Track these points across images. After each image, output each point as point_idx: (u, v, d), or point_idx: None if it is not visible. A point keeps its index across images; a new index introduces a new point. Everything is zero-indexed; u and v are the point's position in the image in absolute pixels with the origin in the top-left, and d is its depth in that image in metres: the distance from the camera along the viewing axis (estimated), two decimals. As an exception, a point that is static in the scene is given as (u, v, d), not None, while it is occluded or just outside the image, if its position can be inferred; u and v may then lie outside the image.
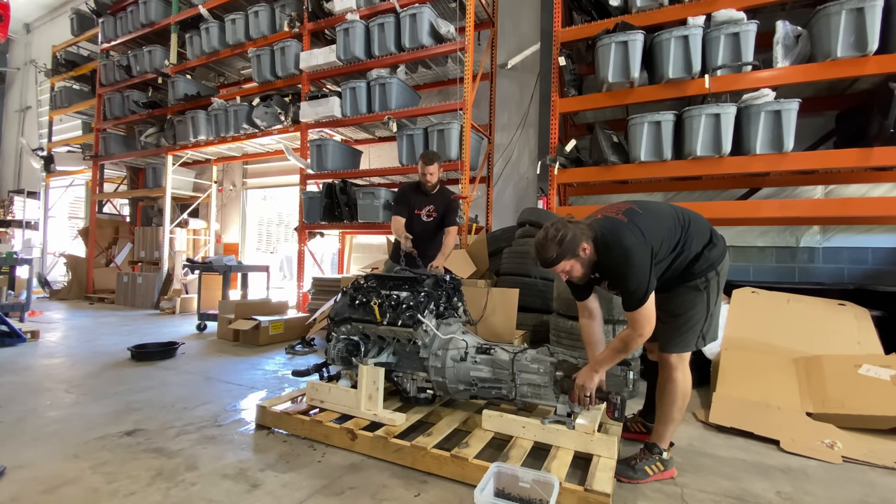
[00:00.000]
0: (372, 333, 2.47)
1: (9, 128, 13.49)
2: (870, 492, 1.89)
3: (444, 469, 1.90)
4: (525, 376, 2.12)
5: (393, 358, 2.47)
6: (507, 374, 2.15)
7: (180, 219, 8.24)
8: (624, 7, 4.20)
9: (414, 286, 2.44)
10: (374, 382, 2.26)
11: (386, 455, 2.03)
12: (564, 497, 1.65)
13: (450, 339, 2.33)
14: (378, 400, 2.25)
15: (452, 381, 2.29)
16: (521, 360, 2.14)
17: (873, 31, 3.26)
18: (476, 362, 2.26)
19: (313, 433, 2.23)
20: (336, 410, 2.35)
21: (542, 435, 2.03)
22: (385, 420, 2.20)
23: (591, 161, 4.40)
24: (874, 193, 4.13)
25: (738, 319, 3.29)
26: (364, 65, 5.45)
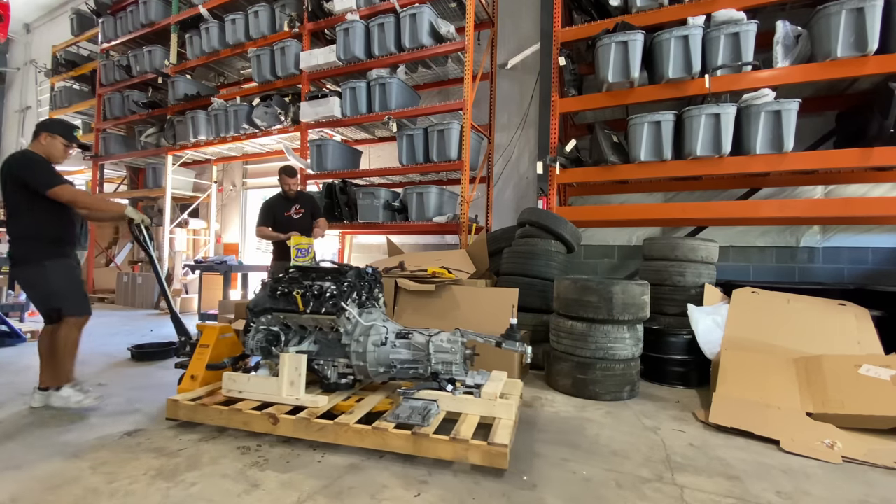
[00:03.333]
0: (293, 323, 2.55)
1: (9, 128, 13.49)
2: (870, 492, 1.89)
3: (366, 441, 2.08)
4: (440, 356, 2.39)
5: (314, 347, 2.55)
6: (424, 355, 2.40)
7: (180, 219, 8.24)
8: (624, 7, 4.20)
9: (337, 277, 2.54)
10: (296, 369, 2.35)
11: (309, 434, 2.14)
12: (472, 452, 1.95)
13: (371, 326, 2.48)
14: (300, 385, 2.35)
15: (373, 364, 2.43)
16: (436, 342, 2.40)
17: (873, 31, 3.26)
18: (395, 346, 2.45)
19: (232, 422, 2.27)
20: (256, 399, 2.39)
21: (453, 404, 2.31)
22: (308, 403, 2.30)
23: (591, 161, 4.40)
24: (874, 193, 4.13)
25: (738, 319, 3.29)
26: (364, 65, 5.45)
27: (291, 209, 4.19)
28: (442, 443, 1.98)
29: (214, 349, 2.69)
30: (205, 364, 2.63)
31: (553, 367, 3.25)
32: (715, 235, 4.47)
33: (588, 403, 2.94)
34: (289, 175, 4.14)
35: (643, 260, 4.14)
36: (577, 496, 1.80)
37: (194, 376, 2.62)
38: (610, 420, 2.65)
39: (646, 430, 2.49)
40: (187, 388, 2.59)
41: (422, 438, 2.00)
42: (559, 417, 2.68)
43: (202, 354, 2.68)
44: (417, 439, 2.00)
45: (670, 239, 3.93)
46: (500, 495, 1.79)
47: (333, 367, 2.50)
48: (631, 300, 2.99)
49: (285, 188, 4.16)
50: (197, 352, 2.70)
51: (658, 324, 3.65)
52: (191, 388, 2.57)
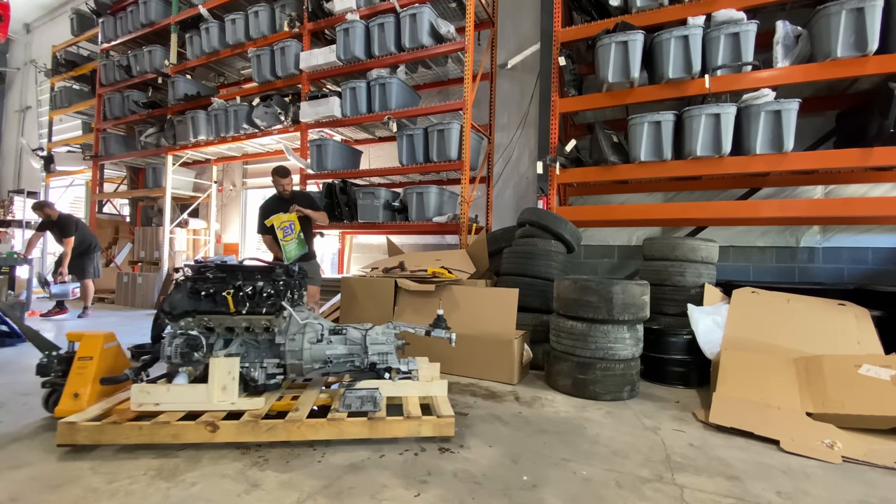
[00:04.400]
0: (219, 326, 2.44)
1: (9, 128, 13.49)
2: (870, 492, 1.89)
3: (321, 433, 2.15)
4: (375, 347, 2.54)
5: (240, 349, 2.47)
6: (361, 348, 2.53)
7: (180, 219, 8.24)
8: (624, 7, 4.20)
9: (269, 276, 2.49)
10: (228, 373, 2.27)
11: (257, 437, 2.11)
12: (424, 426, 2.22)
13: (306, 324, 2.51)
14: (234, 390, 2.27)
15: (308, 361, 2.46)
16: (372, 335, 2.55)
17: (873, 31, 3.26)
18: (331, 342, 2.51)
19: (157, 437, 2.08)
20: (178, 410, 2.23)
21: (394, 389, 2.49)
22: (247, 406, 2.26)
23: (591, 161, 4.40)
24: (874, 193, 4.13)
25: (738, 319, 3.29)
26: (364, 65, 5.45)
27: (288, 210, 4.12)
28: (397, 422, 2.21)
29: (100, 361, 2.43)
30: (91, 379, 2.35)
31: (553, 367, 3.25)
32: (715, 235, 4.47)
33: (588, 403, 2.94)
34: (281, 175, 4.07)
35: (643, 260, 4.14)
36: (577, 496, 1.80)
37: (78, 394, 2.31)
38: (610, 420, 2.65)
39: (646, 430, 2.49)
40: (71, 408, 2.26)
41: (377, 422, 2.19)
42: (559, 417, 2.68)
43: (84, 368, 2.39)
44: (374, 423, 2.18)
45: (670, 239, 3.93)
46: (501, 495, 1.79)
47: (262, 368, 2.42)
48: (631, 300, 2.99)
49: (279, 189, 4.10)
50: (76, 366, 2.40)
51: (658, 324, 3.65)
52: (77, 409, 2.25)
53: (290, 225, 3.93)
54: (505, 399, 2.99)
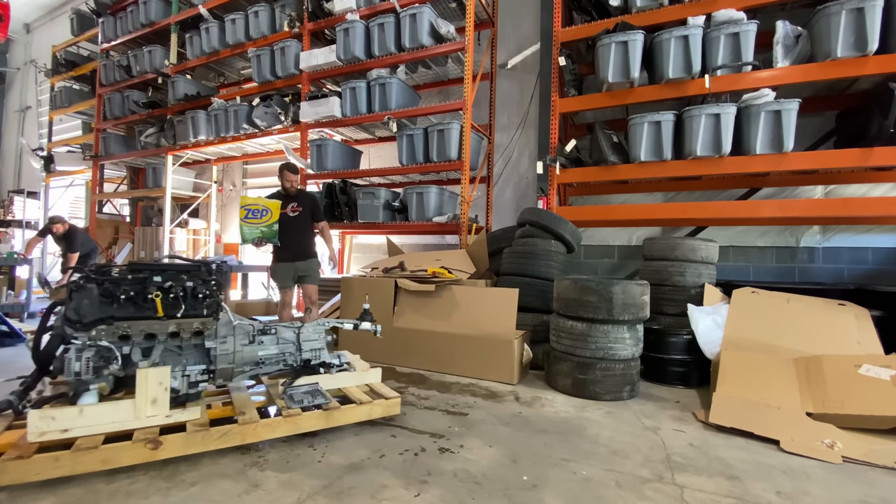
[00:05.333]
0: (139, 332, 2.17)
1: (9, 128, 13.49)
2: (870, 492, 1.89)
3: (279, 430, 2.16)
4: (308, 344, 2.57)
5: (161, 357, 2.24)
6: (294, 347, 2.53)
7: (180, 219, 8.23)
8: (624, 7, 4.20)
9: (198, 274, 2.32)
10: (160, 384, 2.06)
11: (208, 445, 2.03)
12: (375, 408, 2.43)
13: (237, 325, 2.43)
14: (166, 402, 2.07)
15: (239, 364, 2.38)
16: (304, 333, 2.58)
17: (873, 31, 3.26)
18: (262, 342, 2.47)
19: (81, 465, 1.78)
20: (95, 433, 1.92)
21: (333, 382, 2.58)
22: (186, 417, 2.11)
23: (591, 161, 4.40)
24: (874, 193, 4.13)
25: (738, 319, 3.29)
26: (364, 65, 5.44)
27: (288, 207, 4.02)
28: (351, 409, 2.36)
29: None
30: None
31: (553, 367, 3.25)
32: (715, 235, 4.46)
33: (588, 403, 2.94)
34: (291, 171, 4.04)
35: (643, 260, 4.14)
36: (577, 496, 1.80)
37: None
38: (610, 420, 2.65)
39: (646, 430, 2.49)
40: None
41: (333, 411, 2.30)
42: (559, 417, 2.68)
43: None
44: (329, 413, 2.29)
45: (670, 239, 3.93)
46: (501, 495, 1.79)
47: (184, 376, 2.20)
48: (631, 300, 2.99)
49: (286, 185, 4.05)
50: None
51: (658, 324, 3.65)
52: None
53: (262, 211, 3.74)
54: (505, 399, 2.99)
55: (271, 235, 3.81)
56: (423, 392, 3.09)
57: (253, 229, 3.73)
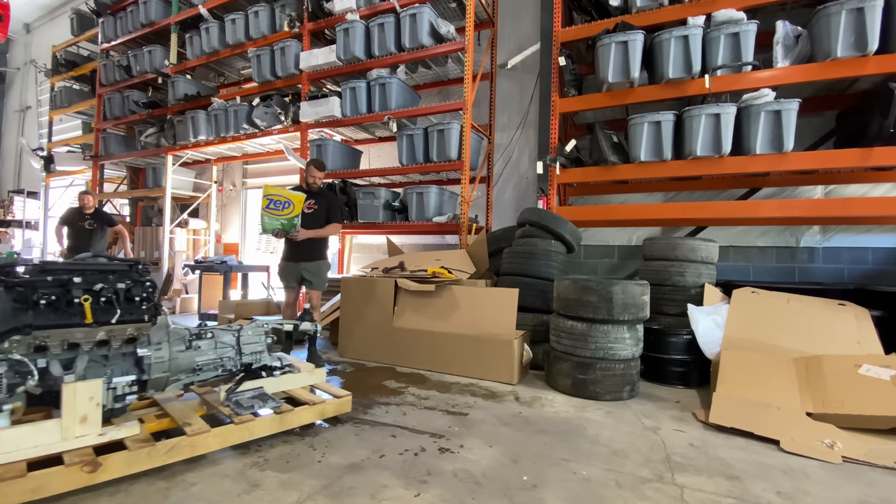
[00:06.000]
0: (60, 342, 1.94)
1: (9, 128, 13.49)
2: (870, 492, 1.89)
3: (232, 438, 2.08)
4: (249, 347, 2.44)
5: None
6: (234, 351, 2.39)
7: (180, 219, 8.23)
8: (624, 7, 4.20)
9: (128, 275, 2.14)
10: (90, 399, 1.83)
11: (154, 461, 1.85)
12: (328, 407, 2.45)
13: (172, 329, 2.23)
14: (98, 419, 1.84)
15: (175, 372, 2.18)
16: (244, 336, 2.45)
17: (873, 31, 3.26)
18: (199, 347, 2.28)
19: (4, 498, 1.58)
20: (17, 460, 1.68)
21: (277, 384, 2.51)
22: (121, 435, 1.89)
23: (591, 161, 4.40)
24: (874, 193, 4.12)
25: (738, 319, 3.29)
26: (364, 65, 5.44)
27: (306, 203, 3.84)
28: (304, 410, 2.35)
29: None
30: None
31: (553, 367, 3.25)
32: (715, 235, 4.46)
33: (588, 403, 2.94)
34: (318, 168, 3.91)
35: (643, 260, 4.14)
36: (577, 496, 1.80)
37: None
38: (610, 420, 2.65)
39: (646, 430, 2.50)
40: None
41: (286, 414, 2.27)
42: (559, 417, 2.68)
43: None
44: (283, 416, 2.25)
45: (670, 239, 3.93)
46: (501, 495, 1.79)
47: (110, 389, 1.96)
48: (631, 300, 2.99)
49: (310, 181, 3.91)
50: None
51: (658, 324, 3.65)
52: None
53: (286, 203, 3.56)
54: (505, 399, 2.99)
55: (291, 228, 3.64)
56: (423, 392, 3.09)
57: (273, 220, 3.58)
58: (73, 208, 5.92)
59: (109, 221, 5.92)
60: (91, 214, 5.76)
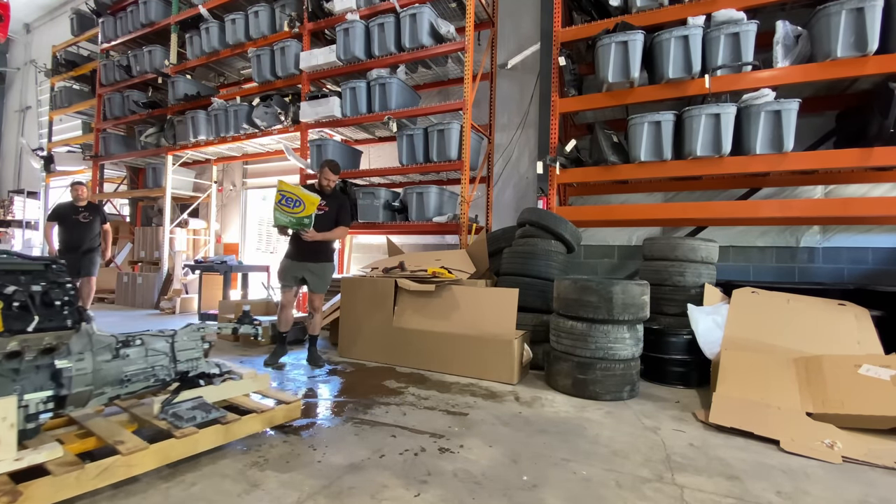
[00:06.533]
0: None
1: (9, 128, 13.49)
2: (870, 492, 1.89)
3: (174, 453, 1.91)
4: (185, 354, 2.27)
5: None
6: (168, 358, 2.19)
7: (180, 219, 8.24)
8: (624, 7, 4.20)
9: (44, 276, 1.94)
10: (3, 420, 1.64)
11: (83, 486, 1.67)
12: (277, 414, 2.33)
13: (96, 337, 2.00)
14: (12, 443, 1.65)
15: (100, 385, 1.95)
16: (179, 342, 2.26)
17: (873, 31, 3.26)
18: (127, 356, 2.06)
19: None
20: None
21: (220, 392, 2.35)
22: (41, 458, 1.69)
23: (591, 161, 4.40)
24: (874, 193, 4.13)
25: (738, 319, 3.29)
26: (364, 65, 5.45)
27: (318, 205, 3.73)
28: (251, 419, 2.21)
29: None
30: None
31: (553, 367, 3.25)
32: (715, 235, 4.46)
33: (588, 403, 2.94)
34: (332, 170, 3.83)
35: (643, 260, 4.14)
36: (576, 496, 1.80)
37: None
38: (610, 420, 2.65)
39: (646, 430, 2.50)
40: None
41: (232, 424, 2.11)
42: (559, 417, 2.68)
43: None
44: (228, 427, 2.10)
45: (670, 239, 3.93)
46: (501, 495, 1.79)
47: (22, 407, 1.74)
48: (631, 300, 2.99)
49: (324, 182, 3.83)
50: None
51: (658, 324, 3.65)
52: None
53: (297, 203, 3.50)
54: (505, 399, 2.99)
55: (298, 228, 3.57)
56: (423, 392, 3.09)
57: (281, 216, 3.53)
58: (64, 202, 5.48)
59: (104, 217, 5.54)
60: (85, 206, 5.35)
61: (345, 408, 2.76)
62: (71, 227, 5.24)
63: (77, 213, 5.27)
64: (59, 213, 5.29)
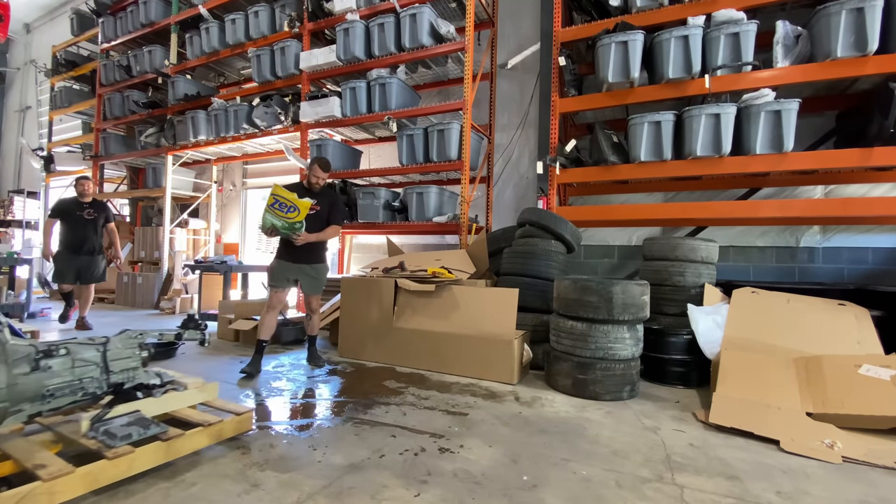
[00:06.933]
0: None
1: (9, 128, 13.49)
2: (870, 492, 1.89)
3: (104, 477, 1.72)
4: (120, 363, 2.04)
5: None
6: (99, 369, 1.97)
7: (180, 219, 8.23)
8: (624, 7, 4.20)
9: None
10: None
11: None
12: (226, 427, 2.16)
13: (11, 346, 1.78)
14: None
15: (17, 401, 1.74)
16: (112, 350, 2.04)
17: (873, 31, 3.26)
18: (50, 368, 1.84)
19: None
20: None
21: (161, 405, 2.16)
22: None
23: (591, 161, 4.40)
24: (874, 193, 4.13)
25: (738, 319, 3.29)
26: (364, 65, 5.45)
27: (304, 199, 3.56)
28: (198, 434, 2.04)
29: None
30: None
31: (553, 367, 3.25)
32: (715, 235, 4.47)
33: (588, 403, 2.94)
34: (322, 168, 3.69)
35: (643, 260, 4.14)
36: (576, 496, 1.80)
37: None
38: (610, 420, 2.65)
39: (646, 430, 2.50)
40: None
41: (175, 440, 1.93)
42: (559, 417, 2.68)
43: None
44: (170, 444, 1.92)
45: (670, 239, 3.93)
46: (501, 495, 1.79)
47: None
48: (631, 300, 2.99)
49: (313, 180, 3.68)
50: None
51: (658, 324, 3.65)
52: None
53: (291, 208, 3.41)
54: (505, 399, 2.99)
55: (289, 232, 3.48)
56: (423, 392, 3.09)
57: (273, 218, 3.43)
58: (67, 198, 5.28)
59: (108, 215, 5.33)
60: (90, 203, 5.15)
61: (345, 408, 2.76)
62: (73, 225, 5.05)
63: (81, 210, 5.09)
64: (62, 208, 5.10)
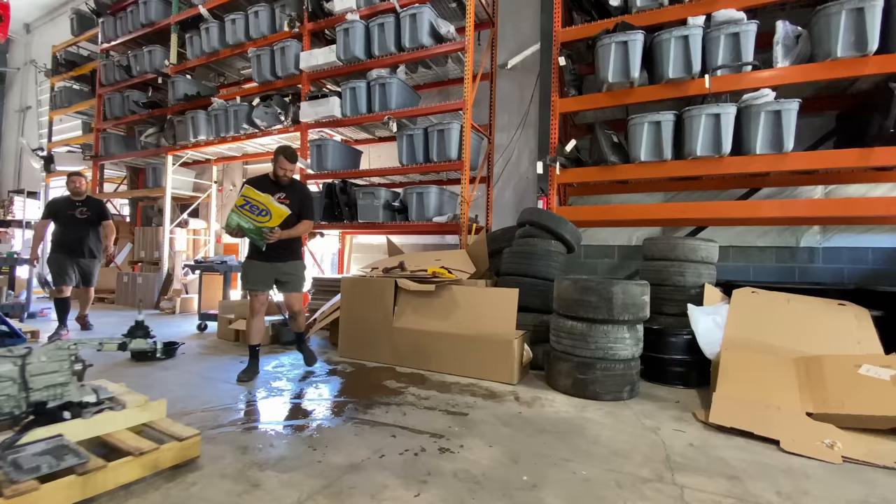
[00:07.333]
0: None
1: (9, 128, 13.49)
2: (870, 492, 1.89)
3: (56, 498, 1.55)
4: (42, 379, 1.80)
5: None
6: (16, 385, 1.75)
7: (180, 219, 8.23)
8: (624, 7, 4.20)
9: None
10: None
11: None
12: (164, 455, 1.88)
13: None
14: None
15: None
16: (33, 364, 1.79)
17: (873, 31, 3.26)
18: None
19: None
20: None
21: (89, 429, 1.88)
22: None
23: (591, 161, 4.40)
24: (874, 193, 4.12)
25: (738, 319, 3.29)
26: (364, 65, 5.45)
27: (275, 196, 3.31)
28: (126, 464, 1.74)
29: None
30: None
31: (553, 367, 3.25)
32: (715, 235, 4.47)
33: (588, 403, 2.94)
34: (288, 158, 3.39)
35: (643, 260, 4.14)
36: (576, 496, 1.80)
37: None
38: (610, 420, 2.65)
39: (646, 430, 2.50)
40: None
41: (96, 473, 1.64)
42: (559, 417, 2.68)
43: None
44: (88, 478, 1.62)
45: (670, 239, 3.93)
46: (501, 495, 1.79)
47: None
48: (631, 300, 2.99)
49: (279, 172, 3.39)
50: None
51: (658, 324, 3.65)
52: None
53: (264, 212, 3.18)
54: (505, 399, 2.99)
55: (258, 236, 3.26)
56: (423, 392, 3.09)
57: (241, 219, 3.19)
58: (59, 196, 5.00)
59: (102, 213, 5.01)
60: (83, 201, 4.89)
61: (345, 408, 2.76)
62: (66, 224, 4.81)
63: (74, 209, 4.84)
64: (54, 208, 4.86)
